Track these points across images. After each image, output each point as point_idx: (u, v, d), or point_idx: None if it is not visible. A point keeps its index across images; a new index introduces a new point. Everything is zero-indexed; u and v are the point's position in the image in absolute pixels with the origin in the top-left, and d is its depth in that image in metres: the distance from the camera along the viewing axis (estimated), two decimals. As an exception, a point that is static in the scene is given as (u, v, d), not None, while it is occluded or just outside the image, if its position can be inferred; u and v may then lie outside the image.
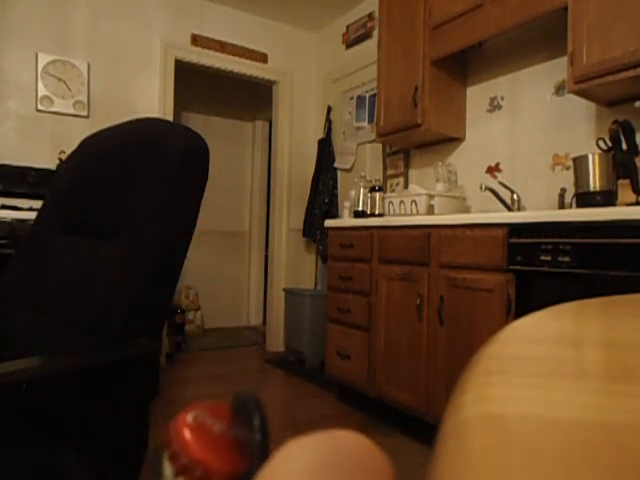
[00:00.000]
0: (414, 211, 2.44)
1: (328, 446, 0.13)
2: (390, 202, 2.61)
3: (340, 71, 3.79)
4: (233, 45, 3.67)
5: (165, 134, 0.88)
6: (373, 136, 3.22)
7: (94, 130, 1.09)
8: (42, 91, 2.96)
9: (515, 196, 2.37)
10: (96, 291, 0.85)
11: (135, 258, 0.83)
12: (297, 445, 0.13)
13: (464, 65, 2.73)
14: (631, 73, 1.73)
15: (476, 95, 2.70)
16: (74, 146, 1.12)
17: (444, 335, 2.02)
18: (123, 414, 0.76)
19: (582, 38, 1.86)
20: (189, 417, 0.14)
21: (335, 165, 3.76)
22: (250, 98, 4.97)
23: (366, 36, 3.52)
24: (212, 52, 3.58)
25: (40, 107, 2.95)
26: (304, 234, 3.88)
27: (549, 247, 1.67)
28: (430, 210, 2.42)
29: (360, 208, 3.02)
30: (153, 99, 3.34)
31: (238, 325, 5.11)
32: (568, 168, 2.21)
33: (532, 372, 0.22)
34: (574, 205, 1.96)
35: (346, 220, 2.72)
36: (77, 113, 3.06)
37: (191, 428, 0.14)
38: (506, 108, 2.55)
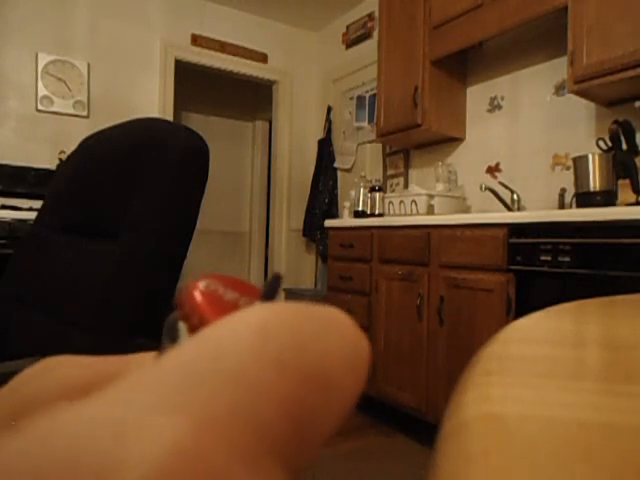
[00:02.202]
0: (414, 211, 2.44)
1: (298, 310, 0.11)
2: (390, 202, 2.61)
3: (340, 71, 3.79)
4: (233, 45, 3.67)
5: (165, 134, 0.88)
6: (373, 136, 3.22)
7: (94, 130, 1.09)
8: (42, 91, 2.96)
9: (515, 196, 2.37)
10: (96, 291, 0.86)
11: (135, 258, 0.83)
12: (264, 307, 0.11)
13: (464, 65, 2.73)
14: (631, 73, 1.73)
15: (476, 95, 2.70)
16: (74, 146, 1.12)
17: (444, 335, 2.02)
18: (123, 414, 0.76)
19: (582, 38, 1.86)
20: (201, 284, 0.15)
21: (335, 165, 3.76)
22: (250, 98, 4.97)
23: (366, 36, 3.52)
24: (212, 52, 3.58)
25: (40, 107, 2.95)
26: (304, 234, 3.88)
27: (549, 247, 1.67)
28: (430, 210, 2.42)
29: (360, 208, 3.02)
30: (153, 99, 3.34)
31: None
32: (568, 168, 2.21)
33: (532, 372, 0.22)
34: (574, 205, 1.96)
35: (346, 220, 2.72)
36: (77, 113, 3.06)
37: (202, 292, 0.14)
38: (506, 108, 2.55)
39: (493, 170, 2.59)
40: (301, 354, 0.10)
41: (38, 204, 1.30)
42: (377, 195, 2.93)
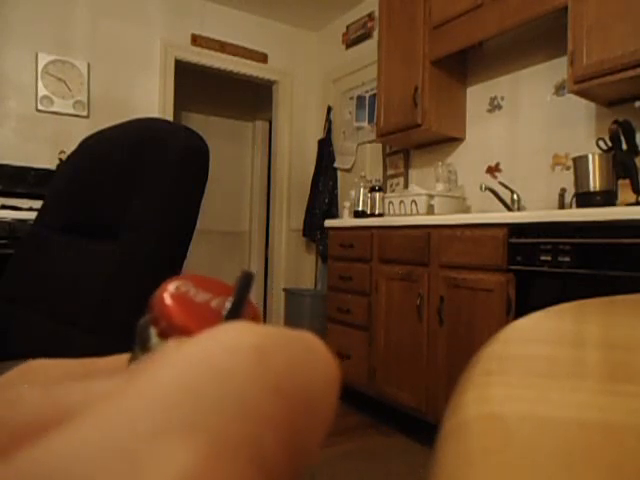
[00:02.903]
0: (414, 211, 2.44)
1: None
2: (390, 202, 2.61)
3: (340, 71, 3.79)
4: (233, 45, 3.67)
5: (165, 134, 0.88)
6: (373, 136, 3.22)
7: (94, 130, 1.09)
8: (42, 91, 2.96)
9: (515, 196, 2.37)
10: (96, 291, 0.86)
11: (135, 258, 0.83)
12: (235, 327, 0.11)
13: (464, 65, 2.73)
14: (631, 73, 1.73)
15: (476, 95, 2.70)
16: (74, 146, 1.12)
17: (444, 335, 2.02)
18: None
19: (582, 38, 1.86)
20: (172, 286, 0.14)
21: (335, 165, 3.76)
22: (250, 98, 4.97)
23: (366, 36, 3.52)
24: (212, 52, 3.58)
25: (40, 107, 2.95)
26: (304, 234, 3.88)
27: (549, 247, 1.67)
28: (430, 210, 2.42)
29: (360, 208, 3.02)
30: (153, 99, 3.34)
31: (238, 325, 5.10)
32: (568, 168, 2.21)
33: (532, 372, 0.22)
34: (574, 205, 1.96)
35: (346, 220, 2.72)
36: (77, 113, 3.06)
37: (172, 295, 0.14)
38: (506, 108, 2.55)
39: (493, 170, 2.59)
40: (293, 380, 0.10)
41: (38, 204, 1.30)
42: (377, 195, 2.93)
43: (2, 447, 0.10)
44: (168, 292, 0.14)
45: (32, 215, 2.29)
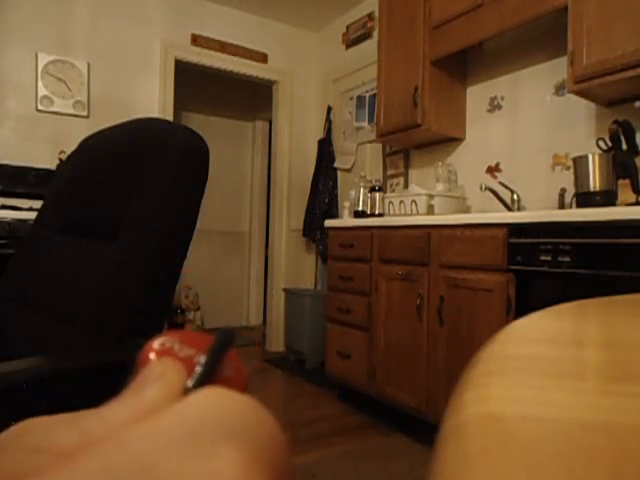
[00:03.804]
0: (414, 211, 2.44)
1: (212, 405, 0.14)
2: (390, 202, 2.61)
3: (340, 71, 3.79)
4: (233, 45, 3.67)
5: (165, 134, 0.88)
6: (373, 136, 3.22)
7: (94, 130, 1.09)
8: (42, 91, 2.96)
9: (515, 196, 2.37)
10: (96, 291, 0.85)
11: (135, 258, 0.83)
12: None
13: (464, 65, 2.73)
14: (631, 73, 1.73)
15: (476, 95, 2.70)
16: (74, 146, 1.12)
17: (444, 335, 2.02)
18: (123, 414, 0.76)
19: (582, 38, 1.86)
20: (156, 343, 0.15)
21: (335, 165, 3.76)
22: (250, 98, 4.97)
23: (366, 36, 3.52)
24: (212, 52, 3.58)
25: (40, 107, 2.95)
26: (304, 234, 3.88)
27: (549, 247, 1.67)
28: (430, 210, 2.42)
29: (360, 208, 3.02)
30: (153, 99, 3.34)
31: (238, 325, 5.11)
32: (568, 168, 2.21)
33: (532, 372, 0.22)
34: (574, 205, 1.96)
35: (346, 220, 2.72)
36: (77, 113, 3.06)
37: (156, 351, 0.15)
38: (506, 108, 2.55)
39: (493, 170, 2.59)
40: (270, 452, 0.13)
41: (38, 204, 1.30)
42: (377, 195, 2.93)
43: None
44: (152, 349, 0.15)
45: (32, 215, 2.29)
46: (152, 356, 0.15)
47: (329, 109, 3.87)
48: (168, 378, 0.14)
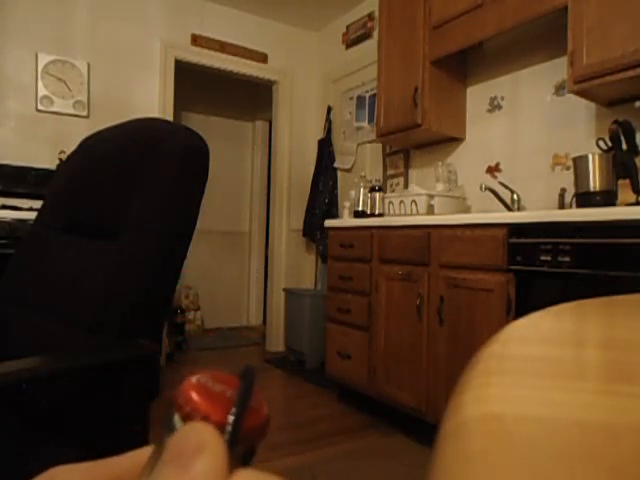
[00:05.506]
0: (414, 211, 2.44)
1: None
2: (390, 202, 2.61)
3: (340, 71, 3.79)
4: (233, 45, 3.67)
5: (165, 134, 0.88)
6: (373, 136, 3.22)
7: (94, 130, 1.09)
8: (42, 91, 2.96)
9: (515, 196, 2.37)
10: (96, 291, 0.85)
11: (135, 258, 0.83)
12: None
13: (464, 65, 2.73)
14: (631, 73, 1.73)
15: (476, 95, 2.70)
16: (74, 146, 1.12)
17: (444, 335, 2.02)
18: (123, 414, 0.76)
19: (582, 38, 1.86)
20: (193, 378, 0.18)
21: (335, 165, 3.76)
22: (250, 98, 4.97)
23: (366, 36, 3.52)
24: (212, 52, 3.58)
25: (40, 107, 2.95)
26: (304, 234, 3.88)
27: (549, 247, 1.67)
28: (430, 210, 2.42)
29: (360, 208, 3.02)
30: (153, 99, 3.34)
31: (238, 325, 5.11)
32: (568, 168, 2.21)
33: (532, 372, 0.22)
34: (574, 205, 1.96)
35: (346, 220, 2.72)
36: (77, 113, 3.06)
37: (194, 386, 0.17)
38: (506, 108, 2.55)
39: (493, 170, 2.59)
40: None
41: (38, 204, 1.30)
42: (377, 195, 2.93)
43: None
44: (191, 383, 0.17)
45: (32, 215, 2.29)
46: (191, 389, 0.17)
47: (329, 109, 3.87)
48: (212, 451, 0.15)
